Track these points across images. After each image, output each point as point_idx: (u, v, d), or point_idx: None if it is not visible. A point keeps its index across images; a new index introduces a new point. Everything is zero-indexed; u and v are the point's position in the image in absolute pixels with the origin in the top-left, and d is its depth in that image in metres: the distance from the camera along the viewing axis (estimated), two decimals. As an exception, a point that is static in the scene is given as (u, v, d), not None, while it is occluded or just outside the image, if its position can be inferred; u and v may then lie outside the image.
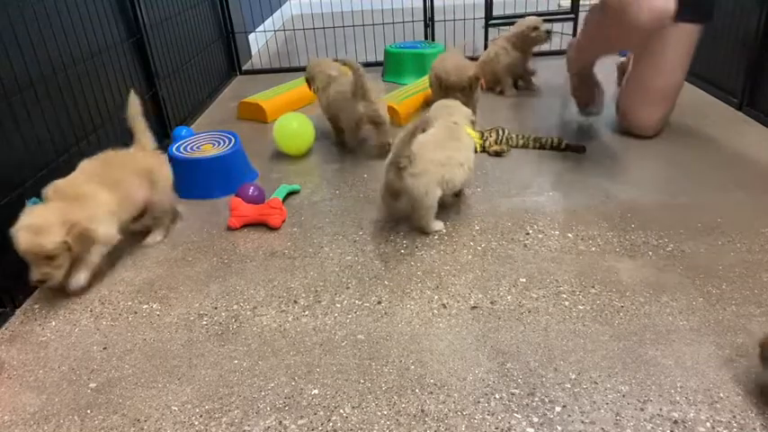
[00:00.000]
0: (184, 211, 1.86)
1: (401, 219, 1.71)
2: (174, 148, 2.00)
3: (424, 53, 3.05)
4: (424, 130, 1.65)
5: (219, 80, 3.21)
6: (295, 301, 1.41)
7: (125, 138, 2.08)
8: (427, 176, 1.55)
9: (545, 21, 2.67)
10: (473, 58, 2.45)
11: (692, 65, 2.75)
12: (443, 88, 2.27)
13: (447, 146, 1.63)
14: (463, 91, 2.23)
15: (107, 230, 1.48)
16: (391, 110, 2.48)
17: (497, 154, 2.13)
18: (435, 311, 1.34)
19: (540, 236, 1.60)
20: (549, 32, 2.70)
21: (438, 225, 1.66)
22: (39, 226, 1.34)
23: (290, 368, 1.20)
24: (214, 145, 2.04)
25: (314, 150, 2.30)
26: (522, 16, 3.27)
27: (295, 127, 2.20)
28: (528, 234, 1.61)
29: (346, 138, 2.24)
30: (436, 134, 1.68)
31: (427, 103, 2.52)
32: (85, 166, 1.55)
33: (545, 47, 2.92)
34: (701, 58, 2.68)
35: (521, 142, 2.18)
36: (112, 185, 1.52)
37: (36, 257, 1.36)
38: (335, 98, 2.17)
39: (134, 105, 1.66)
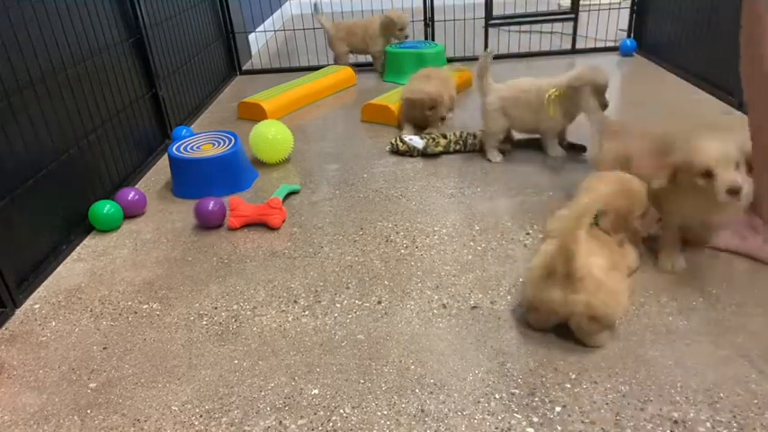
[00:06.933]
0: (184, 211, 1.87)
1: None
2: (174, 148, 2.00)
3: (424, 53, 3.05)
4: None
5: (219, 80, 3.21)
6: (295, 301, 1.41)
7: (125, 137, 2.08)
8: (495, 107, 2.02)
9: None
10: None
11: (691, 64, 2.76)
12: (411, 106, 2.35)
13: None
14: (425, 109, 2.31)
15: None
16: (388, 110, 2.49)
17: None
18: (435, 311, 1.34)
19: (540, 236, 1.60)
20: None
21: (497, 157, 2.08)
22: None
23: (290, 368, 1.20)
24: (214, 145, 2.03)
25: (314, 150, 2.30)
26: (522, 16, 3.27)
27: (271, 135, 2.14)
28: (528, 234, 1.61)
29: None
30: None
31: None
32: None
33: (545, 47, 2.92)
34: (700, 58, 2.68)
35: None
36: None
37: None
38: None
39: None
